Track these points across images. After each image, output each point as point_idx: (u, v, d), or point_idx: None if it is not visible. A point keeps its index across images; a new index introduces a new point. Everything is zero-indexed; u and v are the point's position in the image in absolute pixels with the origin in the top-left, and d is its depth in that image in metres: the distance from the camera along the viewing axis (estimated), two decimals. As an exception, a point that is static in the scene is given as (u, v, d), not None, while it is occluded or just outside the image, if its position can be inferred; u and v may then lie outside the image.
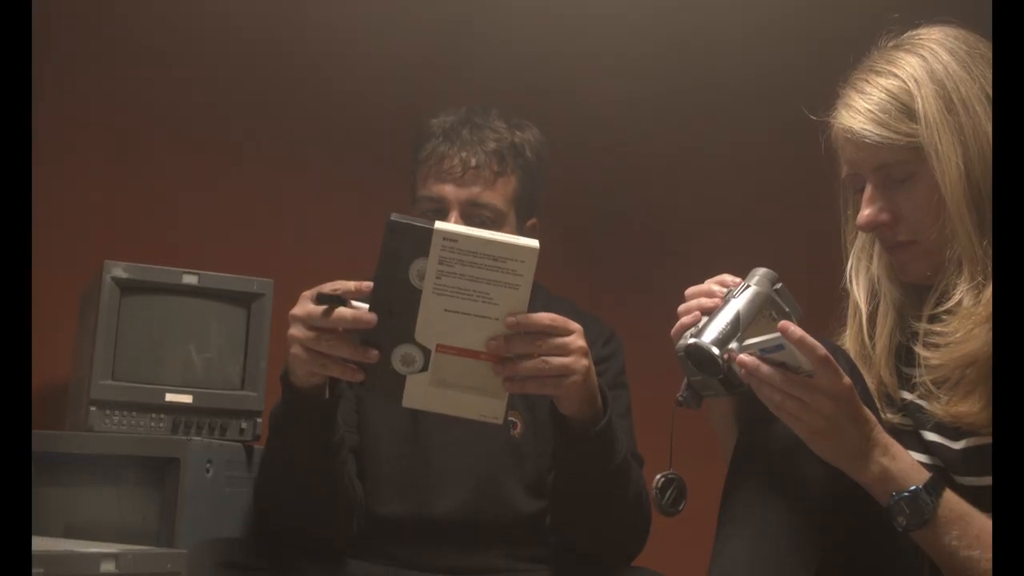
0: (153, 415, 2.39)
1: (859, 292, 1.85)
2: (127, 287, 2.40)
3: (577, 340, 1.81)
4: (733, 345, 1.63)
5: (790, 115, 1.94)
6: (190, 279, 2.45)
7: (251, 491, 2.20)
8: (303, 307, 1.78)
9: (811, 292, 1.81)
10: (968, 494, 1.62)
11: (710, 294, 1.73)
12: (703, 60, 3.43)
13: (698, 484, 1.79)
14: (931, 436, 1.72)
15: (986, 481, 1.64)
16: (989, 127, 1.69)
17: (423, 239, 1.68)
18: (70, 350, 2.61)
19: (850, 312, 1.87)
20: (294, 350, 1.79)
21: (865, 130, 1.73)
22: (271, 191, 3.13)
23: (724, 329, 1.65)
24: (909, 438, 1.72)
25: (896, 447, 1.60)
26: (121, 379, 2.38)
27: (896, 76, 1.74)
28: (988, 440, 1.64)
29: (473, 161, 2.21)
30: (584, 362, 1.82)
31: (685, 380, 1.73)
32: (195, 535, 2.13)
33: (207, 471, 2.26)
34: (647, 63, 3.40)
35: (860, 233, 1.86)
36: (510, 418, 2.19)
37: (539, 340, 1.76)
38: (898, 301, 1.82)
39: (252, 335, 2.47)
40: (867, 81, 1.77)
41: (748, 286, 1.70)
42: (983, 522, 1.58)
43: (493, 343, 1.74)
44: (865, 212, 1.77)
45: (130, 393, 2.38)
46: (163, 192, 3.02)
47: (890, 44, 1.81)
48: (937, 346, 1.68)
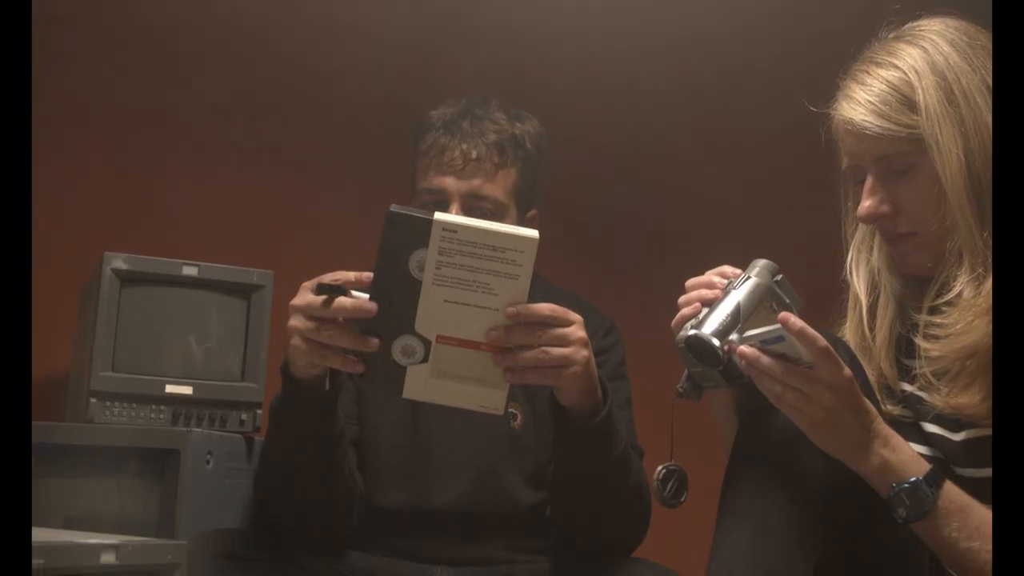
0: (153, 406, 2.39)
1: (859, 284, 1.85)
2: (127, 278, 2.40)
3: (577, 331, 1.81)
4: (733, 336, 1.63)
5: (792, 108, 1.94)
6: (190, 270, 2.45)
7: (251, 483, 2.20)
8: (303, 297, 1.78)
9: (811, 283, 1.81)
10: (968, 486, 1.62)
11: (710, 285, 1.73)
12: (704, 53, 3.42)
13: (698, 476, 1.79)
14: (931, 428, 1.72)
15: (986, 473, 1.64)
16: (990, 118, 1.68)
17: (423, 230, 1.68)
18: (70, 341, 2.61)
19: (850, 304, 1.86)
20: (294, 341, 1.79)
21: (866, 121, 1.73)
22: (271, 182, 3.13)
23: (724, 320, 1.64)
24: (909, 430, 1.72)
25: (896, 438, 1.60)
26: (121, 371, 2.38)
27: (897, 67, 1.74)
28: (988, 432, 1.64)
29: (474, 153, 2.21)
30: (584, 353, 1.82)
31: (685, 371, 1.73)
32: (195, 526, 2.13)
33: (207, 462, 2.26)
34: (648, 56, 3.40)
35: (860, 225, 1.86)
36: (510, 409, 2.19)
37: (539, 330, 1.76)
38: (898, 293, 1.82)
39: (252, 326, 2.47)
40: (868, 72, 1.76)
41: (748, 277, 1.70)
42: (983, 513, 1.58)
43: (493, 333, 1.73)
44: (866, 204, 1.77)
45: (130, 384, 2.38)
46: (163, 184, 3.02)
47: (891, 35, 1.81)
48: (937, 338, 1.68)
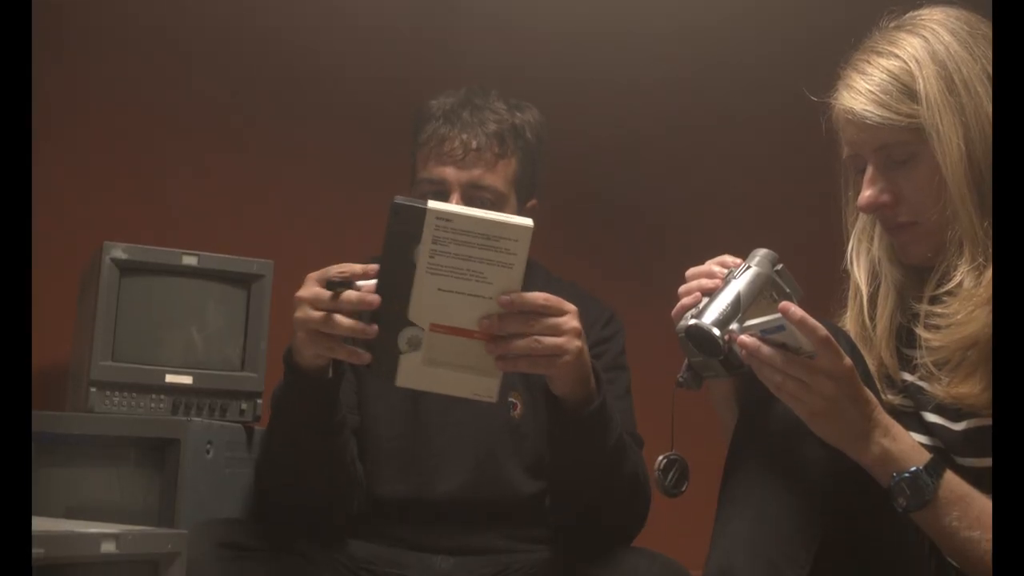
0: (153, 396, 2.39)
1: (860, 273, 1.85)
2: (127, 268, 2.39)
3: (570, 320, 1.81)
4: (734, 326, 1.63)
5: (792, 98, 1.94)
6: (190, 260, 2.45)
7: (251, 472, 2.20)
8: (309, 289, 1.79)
9: (811, 273, 1.81)
10: (969, 475, 1.62)
11: (711, 275, 1.73)
12: (704, 44, 3.42)
13: (699, 465, 1.79)
14: (932, 417, 1.72)
15: (987, 463, 1.64)
16: (991, 108, 1.68)
17: (421, 219, 1.69)
18: (70, 331, 2.61)
19: (851, 293, 1.86)
20: (301, 333, 1.80)
21: (866, 111, 1.73)
22: (271, 172, 3.13)
23: (725, 310, 1.64)
24: (910, 419, 1.72)
25: (897, 428, 1.60)
26: (121, 360, 2.38)
27: (897, 57, 1.74)
28: (989, 422, 1.64)
29: (474, 143, 2.20)
30: (576, 343, 1.82)
31: (686, 361, 1.73)
32: (195, 516, 2.13)
33: (207, 452, 2.26)
34: (649, 47, 3.40)
35: (861, 214, 1.85)
36: (510, 399, 2.19)
37: (532, 319, 1.77)
38: (899, 282, 1.82)
39: (252, 316, 2.47)
40: (868, 62, 1.76)
41: (749, 267, 1.70)
42: (983, 503, 1.58)
43: (486, 322, 1.74)
44: (866, 193, 1.76)
45: (130, 374, 2.38)
46: (163, 173, 3.02)
47: (892, 24, 1.80)
48: (938, 327, 1.68)
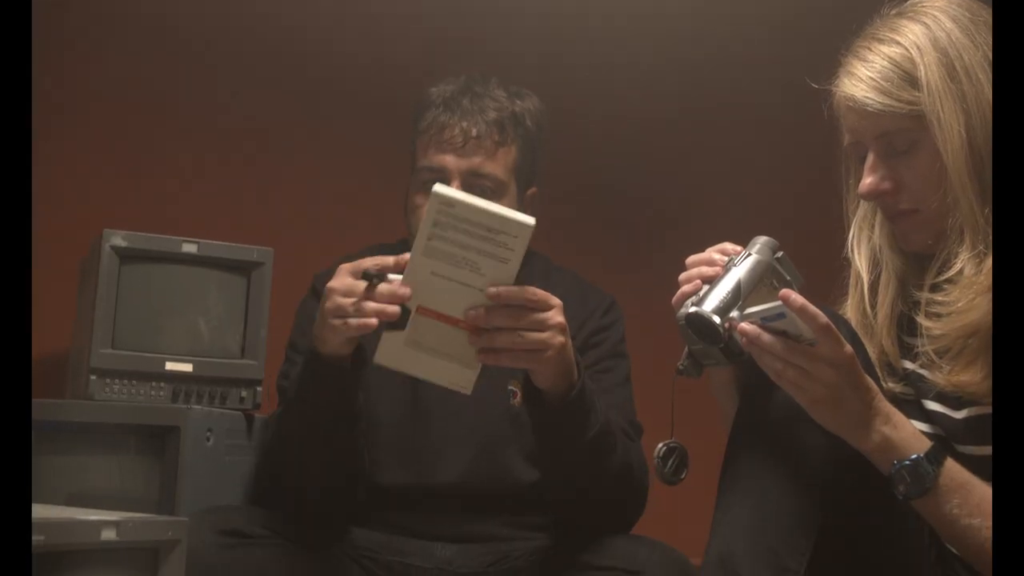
0: (153, 384, 2.39)
1: (861, 261, 1.85)
2: (126, 256, 2.39)
3: (555, 316, 1.82)
4: (734, 314, 1.62)
5: (793, 85, 1.93)
6: (190, 248, 2.44)
7: (251, 460, 2.20)
8: (342, 281, 1.82)
9: (812, 261, 1.81)
10: (969, 463, 1.62)
11: (711, 262, 1.73)
12: (705, 30, 3.41)
13: (699, 453, 1.79)
14: (933, 405, 1.72)
15: (987, 451, 1.64)
16: (992, 95, 1.68)
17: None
18: (70, 319, 2.61)
19: (851, 281, 1.86)
20: (332, 322, 1.82)
21: (867, 98, 1.72)
22: (271, 160, 3.13)
23: (725, 298, 1.64)
24: (910, 407, 1.71)
25: (898, 416, 1.60)
26: (121, 348, 2.38)
27: (899, 44, 1.73)
28: (990, 410, 1.63)
29: (474, 131, 2.20)
30: (560, 339, 1.83)
31: (686, 349, 1.73)
32: (196, 503, 2.14)
33: (207, 439, 2.26)
34: (648, 34, 3.39)
35: (862, 202, 1.85)
36: (509, 387, 2.20)
37: (518, 314, 1.77)
38: (900, 270, 1.81)
39: (252, 304, 2.47)
40: (869, 49, 1.75)
41: (749, 254, 1.70)
42: (984, 491, 1.58)
43: (472, 312, 1.74)
44: (867, 181, 1.76)
45: (130, 362, 2.38)
46: (162, 161, 3.01)
47: (893, 11, 1.80)
48: (939, 315, 1.68)
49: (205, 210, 2.99)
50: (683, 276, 1.74)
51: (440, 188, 1.70)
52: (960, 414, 1.68)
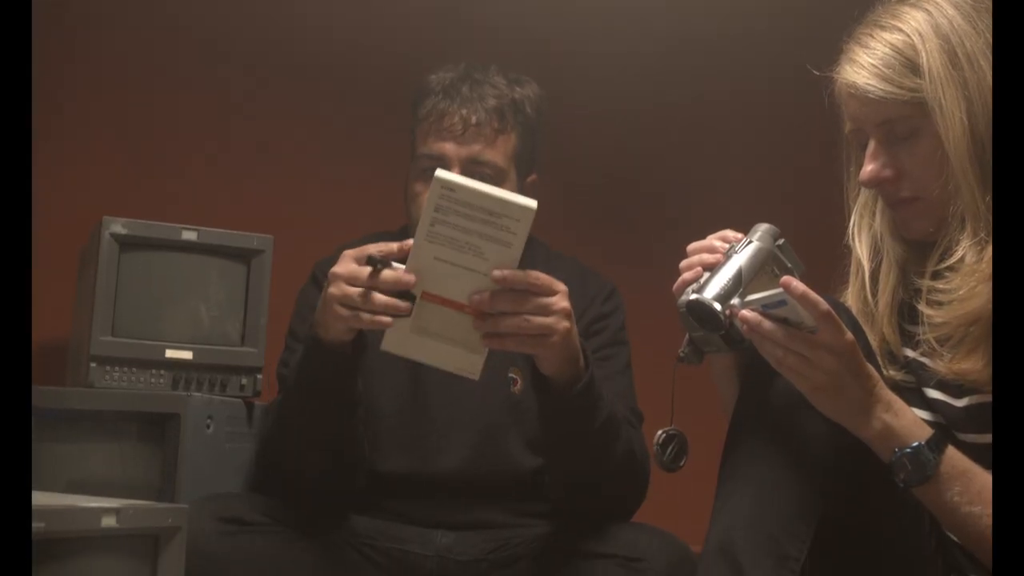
0: (153, 371, 2.39)
1: (862, 249, 1.84)
2: (126, 243, 2.39)
3: (560, 301, 1.82)
4: (735, 301, 1.62)
5: (794, 72, 1.93)
6: (189, 235, 2.44)
7: (251, 447, 2.20)
8: (346, 267, 1.81)
9: (813, 248, 1.81)
10: (970, 451, 1.61)
11: (712, 250, 1.72)
12: (706, 17, 3.40)
13: (699, 440, 1.79)
14: (934, 393, 1.72)
15: (988, 439, 1.63)
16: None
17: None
18: (70, 307, 2.61)
19: (852, 269, 1.86)
20: (336, 308, 1.81)
21: (869, 85, 1.72)
22: (271, 147, 3.12)
23: (726, 285, 1.64)
24: (911, 395, 1.71)
25: (899, 403, 1.60)
26: (121, 335, 2.38)
27: (900, 31, 1.72)
28: (991, 398, 1.63)
29: (473, 119, 2.20)
30: (565, 324, 1.83)
31: (686, 336, 1.73)
32: (196, 490, 2.14)
33: (207, 427, 2.26)
34: (648, 20, 3.39)
35: (863, 189, 1.85)
36: (510, 374, 2.20)
37: (522, 298, 1.77)
38: (901, 258, 1.81)
39: (252, 291, 2.47)
40: (871, 36, 1.75)
41: (750, 241, 1.69)
42: (985, 478, 1.58)
43: (476, 297, 1.74)
44: (868, 168, 1.75)
45: (130, 349, 2.38)
46: (162, 148, 3.01)
47: (895, -2, 1.79)
48: (940, 303, 1.67)
49: (205, 197, 2.98)
50: (684, 263, 1.74)
51: (441, 173, 1.70)
52: (961, 402, 1.68)
